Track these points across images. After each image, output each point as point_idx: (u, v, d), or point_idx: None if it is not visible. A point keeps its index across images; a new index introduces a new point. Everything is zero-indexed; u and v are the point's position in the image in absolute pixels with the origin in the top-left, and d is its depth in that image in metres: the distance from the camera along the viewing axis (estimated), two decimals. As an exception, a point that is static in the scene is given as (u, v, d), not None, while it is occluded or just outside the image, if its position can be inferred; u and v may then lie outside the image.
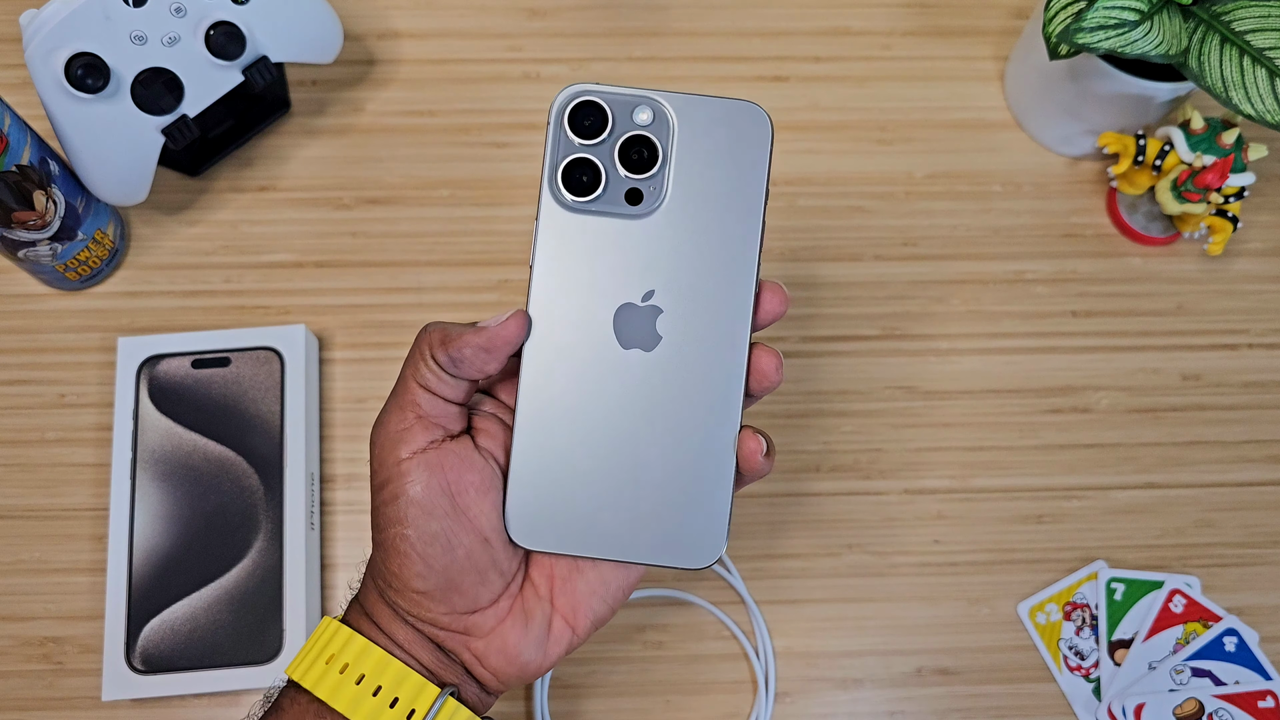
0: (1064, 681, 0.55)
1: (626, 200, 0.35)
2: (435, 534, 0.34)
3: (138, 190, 0.57)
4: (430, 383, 0.35)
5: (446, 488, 0.35)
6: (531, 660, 0.36)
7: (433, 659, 0.36)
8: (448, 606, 0.35)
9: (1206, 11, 0.55)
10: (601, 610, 0.37)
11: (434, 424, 0.35)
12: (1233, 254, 0.64)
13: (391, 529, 0.35)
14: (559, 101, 0.35)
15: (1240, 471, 0.59)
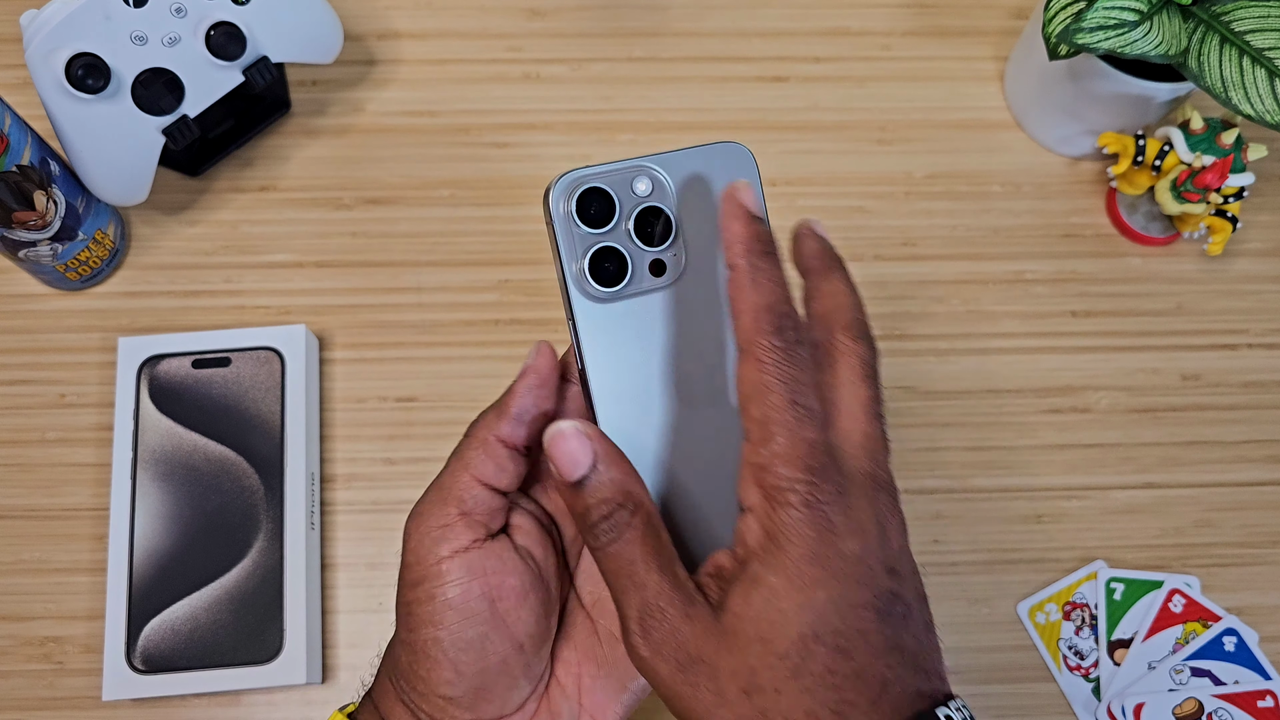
0: (1063, 681, 0.55)
1: (652, 274, 0.34)
2: (470, 640, 0.33)
3: (138, 190, 0.57)
4: (486, 472, 0.34)
5: (487, 592, 0.33)
6: None
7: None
8: (474, 714, 0.34)
9: (1206, 12, 0.55)
10: (629, 702, 0.37)
11: (477, 521, 0.34)
12: (1232, 254, 0.64)
13: (423, 630, 0.33)
14: (558, 196, 0.33)
15: (1240, 471, 0.59)
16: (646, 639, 0.30)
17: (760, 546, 0.30)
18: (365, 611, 0.55)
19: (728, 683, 0.29)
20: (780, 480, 0.29)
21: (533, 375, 0.34)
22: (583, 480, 0.31)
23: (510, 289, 0.61)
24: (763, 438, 0.30)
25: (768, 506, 0.30)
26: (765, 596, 0.29)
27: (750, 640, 0.29)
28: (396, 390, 0.59)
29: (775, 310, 0.31)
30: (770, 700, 0.29)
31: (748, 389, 0.30)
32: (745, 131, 0.65)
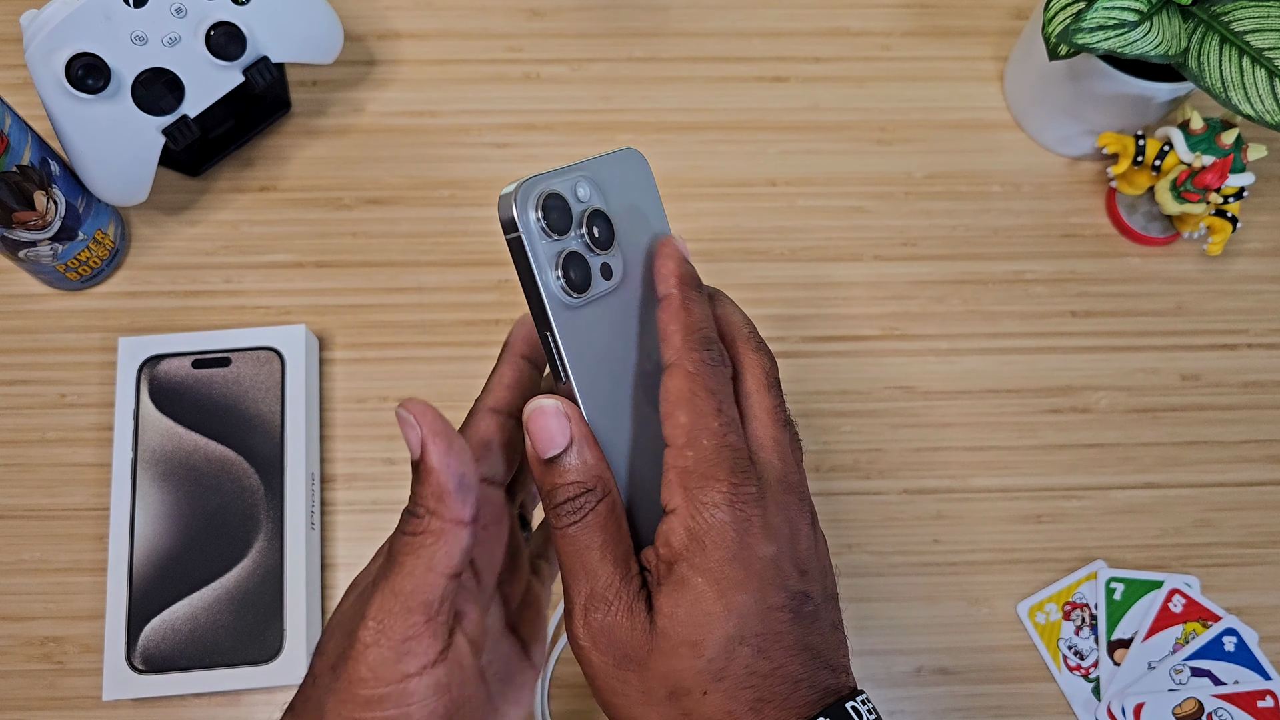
0: (1063, 681, 0.55)
1: (603, 277, 0.34)
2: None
3: (138, 190, 0.57)
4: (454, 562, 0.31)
5: (450, 711, 0.32)
6: None
7: None
8: None
9: (1206, 12, 0.55)
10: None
11: (442, 623, 0.31)
12: (1232, 254, 0.64)
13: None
14: (524, 205, 0.32)
15: (1239, 471, 0.59)
16: (587, 628, 0.31)
17: (685, 548, 0.30)
18: (365, 611, 0.55)
19: (656, 684, 0.30)
20: (705, 482, 0.31)
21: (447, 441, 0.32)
22: (556, 458, 0.31)
23: (510, 289, 0.61)
24: (688, 442, 0.31)
25: (691, 508, 0.30)
26: (692, 599, 0.30)
27: (679, 644, 0.30)
28: (396, 390, 0.59)
29: (702, 331, 0.33)
30: (695, 703, 0.30)
31: (675, 397, 0.32)
32: (745, 131, 0.65)
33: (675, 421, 0.31)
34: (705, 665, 0.30)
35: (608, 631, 0.31)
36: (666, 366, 0.33)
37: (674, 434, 0.31)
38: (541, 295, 0.32)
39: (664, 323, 0.33)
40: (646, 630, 0.30)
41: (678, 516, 0.31)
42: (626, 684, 0.30)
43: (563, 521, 0.31)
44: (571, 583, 0.31)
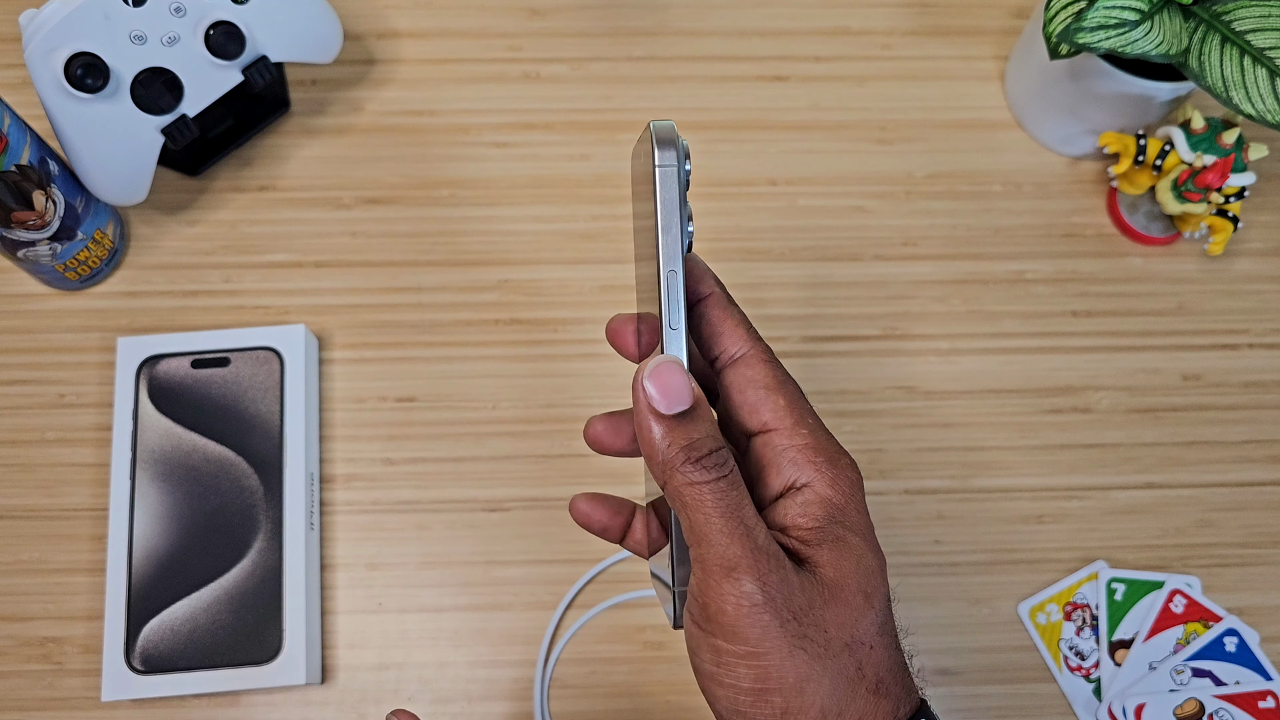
0: (1064, 682, 0.55)
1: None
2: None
3: (137, 190, 0.57)
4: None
5: None
6: None
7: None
8: None
9: (1207, 11, 0.55)
10: None
11: None
12: (1233, 254, 0.64)
13: None
14: (678, 144, 0.32)
15: (1241, 471, 0.59)
16: (764, 586, 0.30)
17: (834, 512, 0.32)
18: (364, 612, 0.55)
19: (835, 634, 0.30)
20: (835, 456, 0.32)
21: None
22: (684, 414, 0.31)
23: (510, 289, 0.61)
24: (797, 421, 0.33)
25: (830, 479, 0.32)
26: (857, 555, 0.31)
27: (855, 593, 0.31)
28: (396, 390, 0.59)
29: (752, 325, 0.35)
30: (866, 655, 0.31)
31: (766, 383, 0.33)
32: (746, 131, 0.65)
33: (774, 404, 0.33)
34: (876, 616, 0.31)
35: (784, 585, 0.30)
36: (736, 358, 0.33)
37: (776, 416, 0.32)
38: (679, 228, 0.32)
39: (719, 318, 0.34)
40: (815, 582, 0.31)
41: (815, 489, 0.32)
42: (806, 639, 0.30)
43: (708, 476, 0.30)
44: (730, 542, 0.30)
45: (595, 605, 0.55)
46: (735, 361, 0.33)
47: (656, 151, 0.32)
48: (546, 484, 0.57)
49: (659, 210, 0.32)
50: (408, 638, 0.54)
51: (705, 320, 0.34)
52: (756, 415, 0.33)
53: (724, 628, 0.30)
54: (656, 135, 0.32)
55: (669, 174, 0.32)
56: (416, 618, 0.55)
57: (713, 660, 0.31)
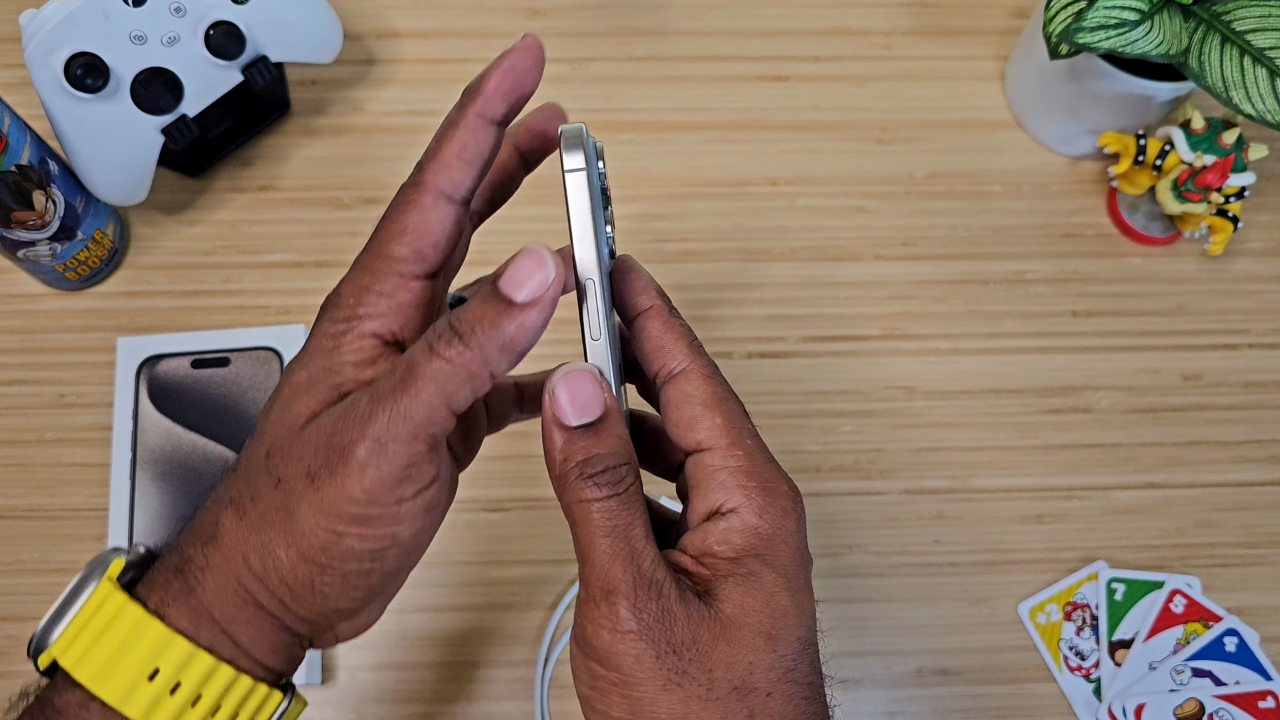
0: (1064, 682, 0.55)
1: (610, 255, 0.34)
2: (398, 569, 0.30)
3: (137, 190, 0.57)
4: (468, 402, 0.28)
5: (432, 525, 0.30)
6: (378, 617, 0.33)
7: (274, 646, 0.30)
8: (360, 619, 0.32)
9: (1207, 11, 0.55)
10: None
11: (439, 450, 0.29)
12: (1233, 254, 0.64)
13: (355, 563, 0.29)
14: (590, 146, 0.31)
15: (1241, 471, 0.59)
16: (639, 614, 0.28)
17: (754, 544, 0.29)
18: (365, 612, 0.55)
19: (721, 676, 0.28)
20: (768, 483, 0.30)
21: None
22: (588, 426, 0.29)
23: (510, 289, 0.61)
24: (733, 442, 0.30)
25: (758, 507, 0.30)
26: (767, 592, 0.29)
27: (753, 633, 0.28)
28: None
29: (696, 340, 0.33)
30: (760, 702, 0.28)
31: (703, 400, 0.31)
32: (745, 130, 0.65)
33: (710, 424, 0.30)
34: (777, 660, 0.29)
35: (664, 617, 0.28)
36: (675, 373, 0.31)
37: (712, 436, 0.30)
38: (595, 236, 0.30)
39: (659, 332, 0.32)
40: (708, 618, 0.28)
41: (740, 516, 0.30)
42: (685, 675, 0.28)
43: (598, 494, 0.29)
44: (610, 565, 0.28)
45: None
46: (674, 377, 0.31)
47: (564, 155, 0.30)
48: (546, 484, 0.56)
49: (571, 218, 0.30)
50: (408, 637, 0.54)
51: (645, 335, 0.32)
52: (691, 433, 0.31)
53: (598, 652, 0.29)
54: (564, 139, 0.30)
55: (578, 178, 0.30)
56: (417, 617, 0.55)
57: (588, 684, 0.29)
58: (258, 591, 0.29)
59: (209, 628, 0.29)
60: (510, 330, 0.28)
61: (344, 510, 0.28)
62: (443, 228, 0.29)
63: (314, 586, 0.29)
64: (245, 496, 0.29)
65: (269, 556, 0.29)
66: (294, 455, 0.29)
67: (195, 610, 0.29)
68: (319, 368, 0.29)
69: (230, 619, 0.29)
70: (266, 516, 0.29)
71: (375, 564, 0.29)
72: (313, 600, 0.29)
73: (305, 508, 0.28)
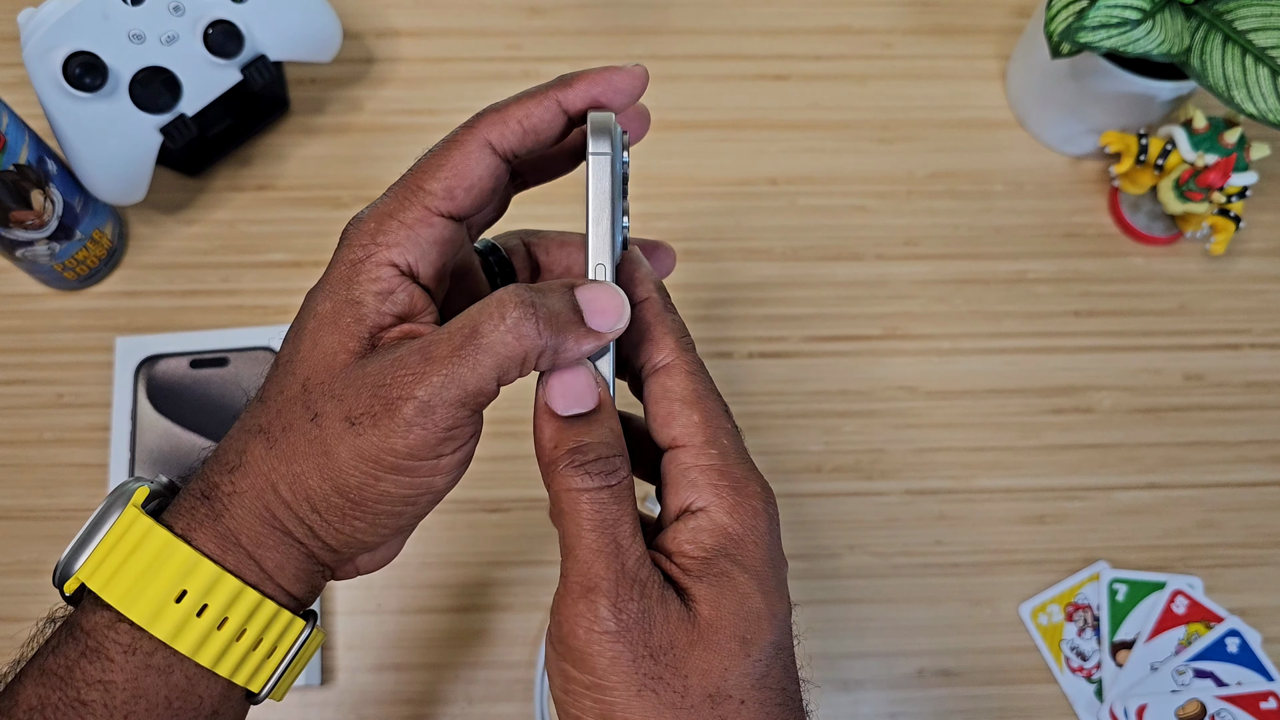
0: (1066, 683, 0.55)
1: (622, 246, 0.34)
2: (425, 513, 0.31)
3: (136, 189, 0.57)
4: (512, 381, 0.29)
5: (463, 473, 0.31)
6: (399, 548, 0.34)
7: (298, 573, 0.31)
8: (378, 547, 0.32)
9: (1208, 10, 0.55)
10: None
11: (480, 413, 0.29)
12: (1235, 253, 0.63)
13: (388, 506, 0.29)
14: (617, 133, 0.31)
15: (1243, 472, 0.59)
16: (619, 614, 0.27)
17: (726, 545, 0.29)
18: (364, 613, 0.54)
19: (695, 682, 0.27)
20: (741, 483, 0.30)
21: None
22: (583, 416, 0.29)
23: (510, 288, 0.61)
24: (708, 440, 0.30)
25: (730, 507, 0.29)
26: (740, 595, 0.28)
27: (728, 638, 0.28)
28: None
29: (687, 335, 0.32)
30: (733, 710, 0.28)
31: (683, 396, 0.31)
32: (746, 130, 0.65)
33: (687, 420, 0.30)
34: (751, 666, 0.28)
35: (645, 617, 0.27)
36: (659, 367, 0.31)
37: (688, 433, 0.30)
38: (610, 220, 0.30)
39: (649, 324, 0.31)
40: (686, 620, 0.28)
41: (710, 515, 0.29)
42: (660, 680, 0.27)
43: (589, 484, 0.28)
44: (594, 559, 0.28)
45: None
46: (657, 371, 0.31)
47: (591, 139, 0.30)
48: (546, 484, 0.57)
49: (590, 201, 0.30)
50: (407, 638, 0.54)
51: (635, 326, 0.31)
52: (668, 429, 0.30)
53: (573, 651, 0.28)
54: (592, 124, 0.30)
55: (602, 162, 0.30)
56: (416, 618, 0.54)
57: (561, 686, 0.29)
58: (286, 519, 0.29)
59: (235, 552, 0.29)
60: (570, 344, 0.29)
61: (384, 459, 0.28)
62: (480, 173, 0.30)
63: (345, 518, 0.29)
64: (276, 426, 0.29)
65: (300, 487, 0.29)
66: (334, 394, 0.29)
67: (222, 535, 0.29)
68: (341, 299, 0.30)
69: (257, 544, 0.30)
70: (298, 449, 0.29)
71: (408, 508, 0.30)
72: (342, 530, 0.30)
73: (344, 449, 0.28)
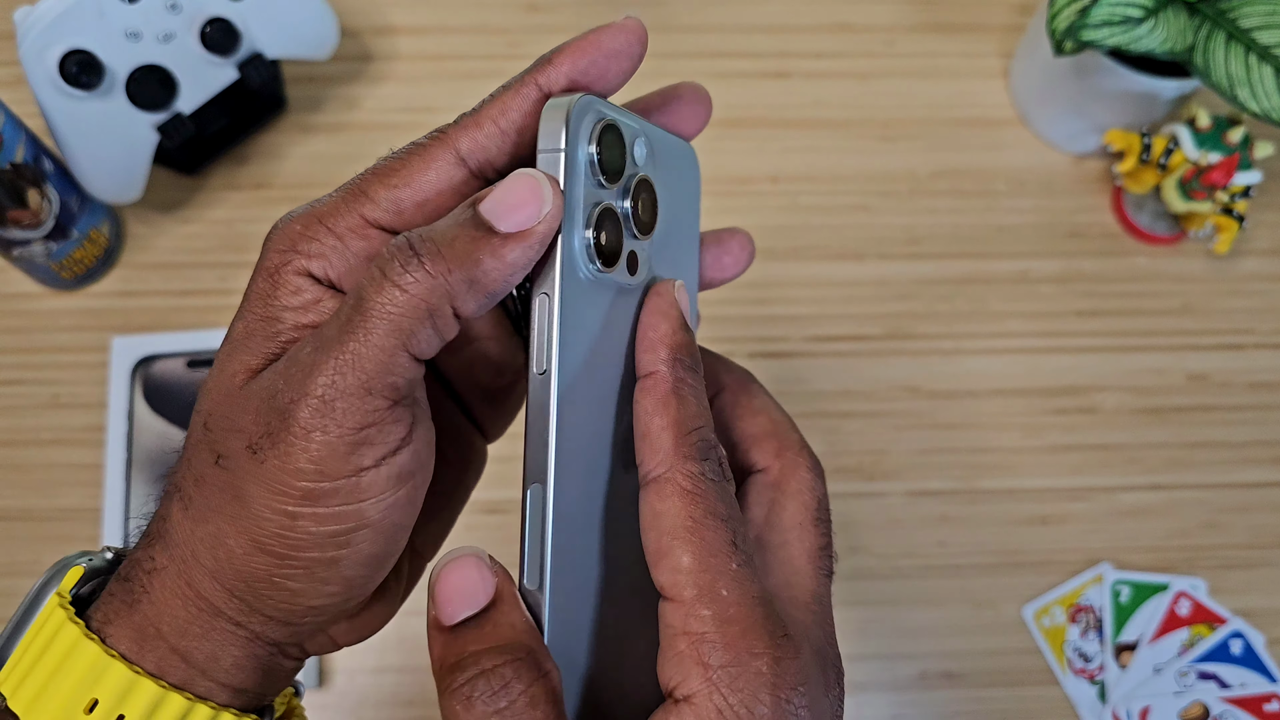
0: (1069, 685, 0.54)
1: (628, 269, 0.26)
2: (374, 555, 0.25)
3: (132, 188, 0.56)
4: (433, 347, 0.23)
5: (408, 498, 0.25)
6: (390, 614, 0.29)
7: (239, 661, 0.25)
8: (335, 614, 0.26)
9: (1212, 8, 0.54)
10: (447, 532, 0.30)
11: (404, 406, 0.24)
12: (1239, 253, 0.63)
13: (316, 552, 0.24)
14: (578, 122, 0.24)
15: (1246, 472, 0.59)
16: None
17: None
18: (363, 615, 0.54)
19: None
20: (735, 656, 0.23)
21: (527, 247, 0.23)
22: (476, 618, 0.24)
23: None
24: (700, 595, 0.23)
25: (719, 697, 0.22)
26: None
27: None
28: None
29: (702, 434, 0.25)
30: None
31: (671, 527, 0.24)
32: (747, 128, 0.65)
33: (674, 564, 0.23)
34: None
35: None
36: (649, 479, 0.24)
37: (675, 582, 0.23)
38: (557, 242, 0.23)
39: (645, 413, 0.25)
40: None
41: (695, 707, 0.22)
42: None
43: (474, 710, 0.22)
44: None
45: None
46: (647, 486, 0.25)
47: (542, 135, 0.24)
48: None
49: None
50: (407, 640, 0.54)
51: (634, 412, 0.25)
52: (656, 571, 0.24)
53: None
54: (548, 117, 0.24)
55: (552, 162, 0.24)
56: (417, 620, 0.54)
57: None
58: (213, 595, 0.24)
59: (156, 646, 0.24)
60: (486, 262, 0.23)
61: (292, 486, 0.23)
62: (438, 187, 0.25)
63: (273, 580, 0.24)
64: (189, 481, 0.25)
65: (221, 550, 0.24)
66: (233, 425, 0.24)
67: (139, 626, 0.25)
68: (256, 317, 0.25)
69: (181, 632, 0.24)
70: (211, 503, 0.24)
71: (342, 550, 0.24)
72: (277, 597, 0.24)
73: (252, 487, 0.23)
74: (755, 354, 0.59)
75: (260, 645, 0.25)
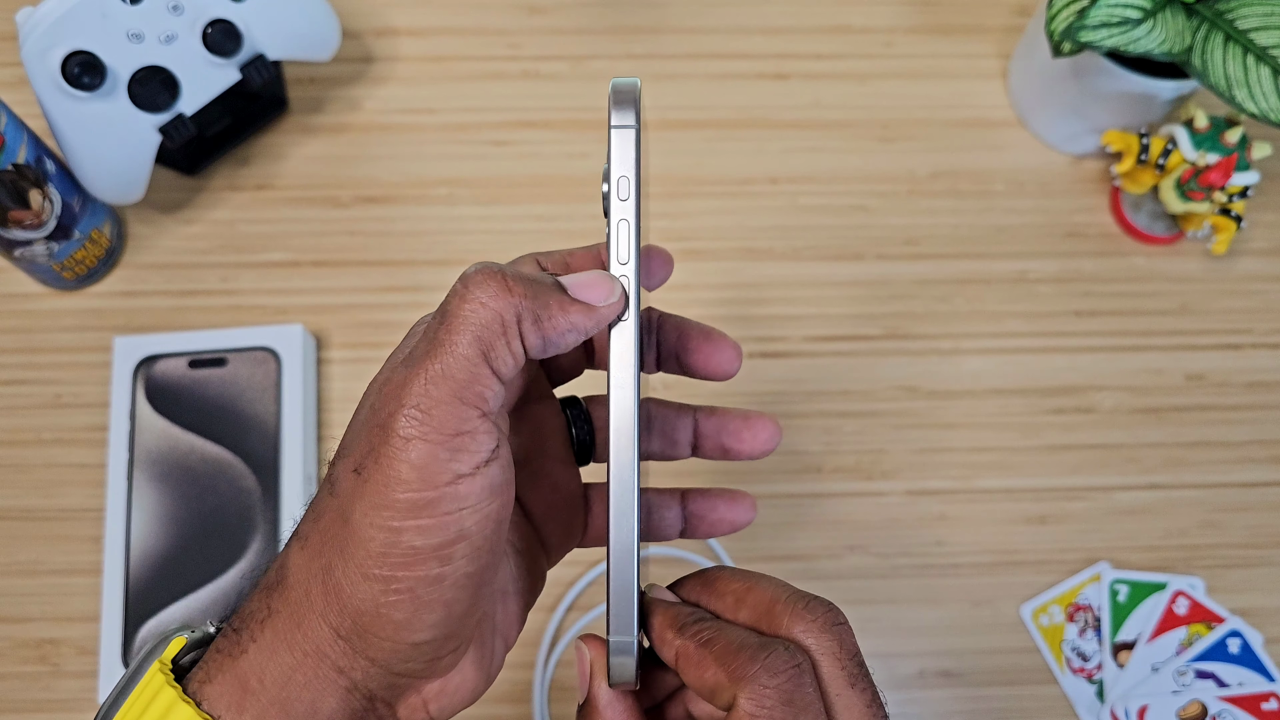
0: (1067, 684, 0.54)
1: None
2: (471, 575, 0.25)
3: (134, 189, 0.56)
4: (507, 368, 0.25)
5: (500, 513, 0.26)
6: (479, 689, 0.29)
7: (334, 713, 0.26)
8: (433, 659, 0.27)
9: (1210, 9, 0.55)
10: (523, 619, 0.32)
11: (494, 423, 0.25)
12: (1237, 253, 0.63)
13: (418, 569, 0.25)
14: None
15: (1245, 472, 0.59)
16: None
17: None
18: (363, 613, 0.54)
19: None
20: None
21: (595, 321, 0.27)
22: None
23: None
24: None
25: None
26: None
27: None
28: (395, 390, 0.58)
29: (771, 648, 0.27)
30: None
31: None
32: (746, 129, 0.65)
33: None
34: None
35: None
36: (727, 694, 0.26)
37: None
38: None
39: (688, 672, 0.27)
40: None
41: None
42: None
43: None
44: None
45: (596, 607, 0.55)
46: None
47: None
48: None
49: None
50: None
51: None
52: None
53: None
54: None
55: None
56: None
57: None
58: (321, 637, 0.25)
59: (256, 699, 0.25)
60: (553, 306, 0.26)
61: (396, 499, 0.24)
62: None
63: (379, 613, 0.25)
64: (309, 519, 0.26)
65: (330, 584, 0.25)
66: (343, 452, 0.26)
67: (242, 677, 0.25)
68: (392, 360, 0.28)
69: (285, 681, 0.25)
70: (327, 535, 0.25)
71: (444, 567, 0.25)
72: (382, 631, 0.25)
73: (358, 508, 0.24)
74: (755, 354, 0.59)
75: (358, 698, 0.26)
